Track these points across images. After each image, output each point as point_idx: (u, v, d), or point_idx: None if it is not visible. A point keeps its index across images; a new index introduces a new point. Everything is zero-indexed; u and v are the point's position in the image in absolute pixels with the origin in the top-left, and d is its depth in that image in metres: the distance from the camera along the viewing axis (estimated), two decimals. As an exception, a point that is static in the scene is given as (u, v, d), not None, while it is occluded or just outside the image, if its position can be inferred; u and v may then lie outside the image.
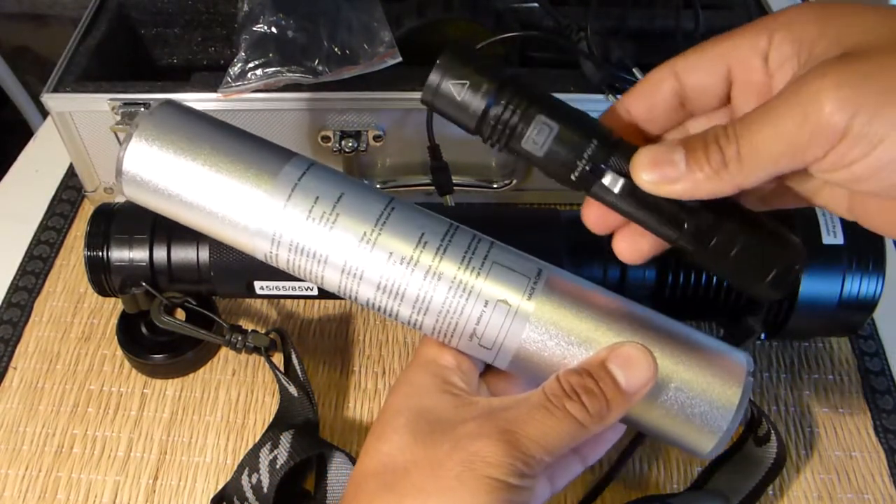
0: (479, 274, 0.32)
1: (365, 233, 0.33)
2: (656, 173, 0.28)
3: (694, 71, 0.30)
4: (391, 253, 0.33)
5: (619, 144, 0.30)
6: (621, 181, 0.29)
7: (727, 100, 0.30)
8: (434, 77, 0.30)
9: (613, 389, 0.31)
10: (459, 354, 0.34)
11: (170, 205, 0.35)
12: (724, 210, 0.29)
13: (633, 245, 0.32)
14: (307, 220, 0.33)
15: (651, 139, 0.32)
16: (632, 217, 0.30)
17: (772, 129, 0.26)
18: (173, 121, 0.35)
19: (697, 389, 0.32)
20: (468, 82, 0.30)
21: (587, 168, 0.29)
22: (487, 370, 0.36)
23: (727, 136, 0.27)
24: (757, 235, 0.29)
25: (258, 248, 0.34)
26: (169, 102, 0.36)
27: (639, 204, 0.29)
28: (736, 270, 0.29)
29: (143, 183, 0.35)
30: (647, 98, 0.31)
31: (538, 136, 0.29)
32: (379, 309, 0.34)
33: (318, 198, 0.33)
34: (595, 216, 0.32)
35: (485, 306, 0.32)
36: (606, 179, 0.29)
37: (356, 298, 0.34)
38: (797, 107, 0.25)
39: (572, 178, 0.30)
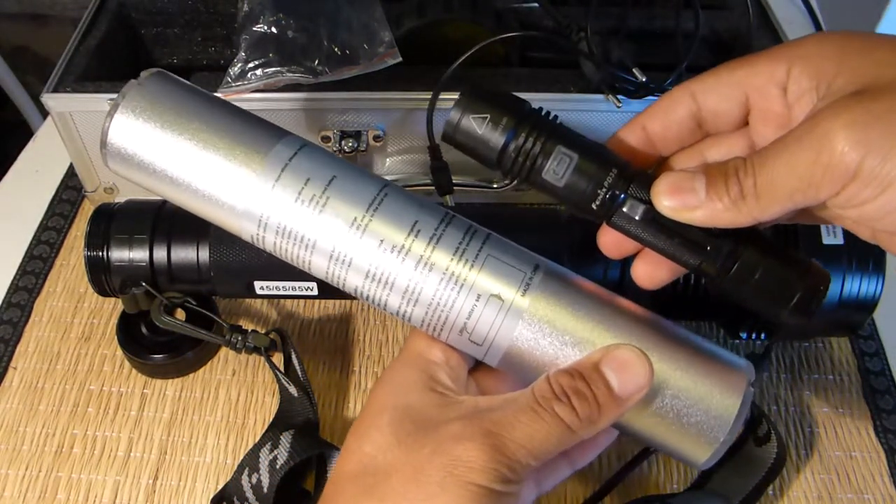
0: (472, 266, 0.32)
1: (356, 218, 0.32)
2: (677, 199, 0.28)
3: (711, 95, 0.30)
4: (382, 240, 0.32)
5: (638, 173, 0.30)
6: (642, 208, 0.29)
7: (744, 123, 0.31)
8: (455, 113, 0.30)
9: (605, 393, 0.30)
10: (449, 349, 0.34)
11: (155, 181, 0.34)
12: (744, 237, 0.29)
13: (653, 272, 0.32)
14: (296, 203, 0.32)
15: (664, 158, 0.32)
16: (652, 245, 0.30)
17: (786, 165, 0.26)
18: (163, 93, 0.33)
19: (695, 398, 0.31)
20: (488, 117, 0.30)
21: (608, 196, 0.30)
22: (477, 366, 0.35)
23: (745, 168, 0.27)
24: (778, 261, 0.29)
25: (245, 229, 0.33)
26: (159, 72, 0.34)
27: (659, 231, 0.30)
28: (758, 297, 0.29)
29: (128, 156, 0.33)
30: (664, 117, 0.31)
31: (558, 167, 0.30)
32: (367, 298, 0.33)
33: (308, 179, 0.32)
34: (611, 242, 0.32)
35: (477, 300, 0.31)
36: (627, 207, 0.30)
37: (344, 286, 0.33)
38: (810, 145, 0.25)
39: (593, 206, 0.30)
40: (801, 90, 0.28)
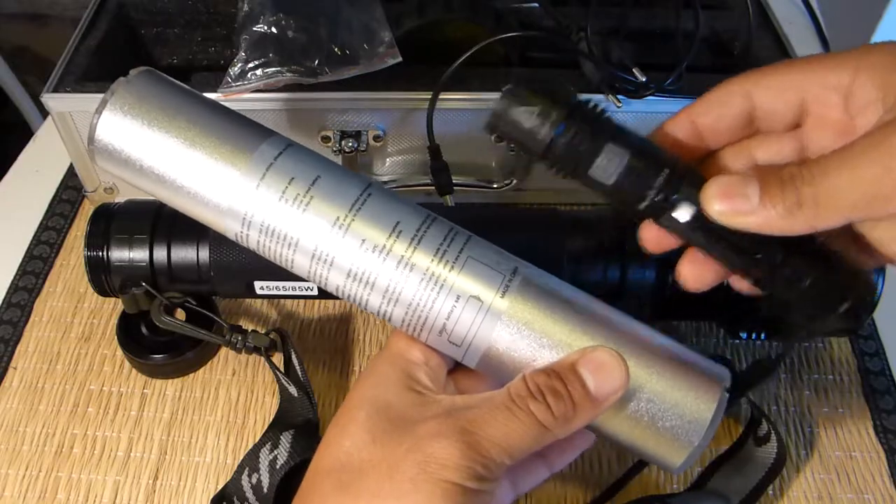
0: (452, 267, 0.32)
1: (338, 218, 0.32)
2: (727, 205, 0.27)
3: (768, 93, 0.29)
4: (364, 240, 0.32)
5: (688, 173, 0.29)
6: (691, 211, 0.29)
7: (796, 125, 0.30)
8: (502, 103, 0.29)
9: (581, 394, 0.30)
10: (428, 350, 0.34)
11: (142, 178, 0.34)
12: (795, 242, 0.28)
13: (700, 274, 0.31)
14: (280, 202, 0.32)
15: (711, 151, 0.31)
16: (700, 247, 0.30)
17: (850, 177, 0.25)
18: (151, 91, 0.34)
19: (669, 402, 0.31)
20: (537, 109, 0.29)
21: (657, 198, 0.29)
22: (456, 368, 0.35)
23: (803, 176, 0.26)
24: (829, 268, 0.29)
25: (229, 227, 0.34)
26: (148, 71, 0.35)
27: (708, 234, 0.29)
28: (807, 301, 0.29)
29: (115, 153, 0.34)
30: (716, 110, 0.30)
31: (608, 165, 0.29)
32: (349, 297, 0.33)
33: (292, 179, 0.32)
34: (653, 238, 0.32)
35: (456, 301, 0.31)
36: (676, 210, 0.29)
37: (326, 285, 0.34)
38: (879, 158, 0.25)
39: (640, 207, 0.29)
40: (866, 100, 0.27)
